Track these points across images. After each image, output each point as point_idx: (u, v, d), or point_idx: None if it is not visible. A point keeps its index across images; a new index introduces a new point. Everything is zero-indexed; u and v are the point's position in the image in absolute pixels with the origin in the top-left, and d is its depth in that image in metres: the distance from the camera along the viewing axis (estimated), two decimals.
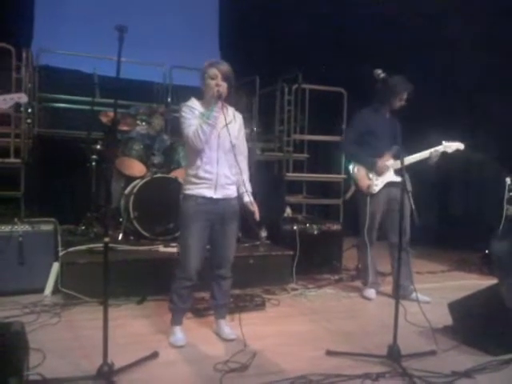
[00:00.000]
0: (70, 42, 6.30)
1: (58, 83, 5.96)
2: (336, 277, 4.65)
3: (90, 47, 6.06)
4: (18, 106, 4.76)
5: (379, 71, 3.14)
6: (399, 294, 2.91)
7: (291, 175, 6.09)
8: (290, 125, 6.24)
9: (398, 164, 3.91)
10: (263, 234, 4.52)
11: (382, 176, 3.96)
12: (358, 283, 4.37)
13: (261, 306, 3.62)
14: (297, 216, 5.31)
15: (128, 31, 2.36)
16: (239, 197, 2.97)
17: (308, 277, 4.49)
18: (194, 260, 2.82)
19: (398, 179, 3.96)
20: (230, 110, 2.94)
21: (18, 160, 4.73)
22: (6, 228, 3.71)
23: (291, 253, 4.39)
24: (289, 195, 5.94)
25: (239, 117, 3.01)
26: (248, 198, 2.97)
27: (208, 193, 2.82)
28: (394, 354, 2.70)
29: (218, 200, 2.84)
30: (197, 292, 3.43)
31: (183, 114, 2.81)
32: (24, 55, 5.00)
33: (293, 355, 2.82)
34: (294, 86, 6.26)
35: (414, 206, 2.97)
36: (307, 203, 6.38)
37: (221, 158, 2.84)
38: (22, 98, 2.82)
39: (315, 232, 4.71)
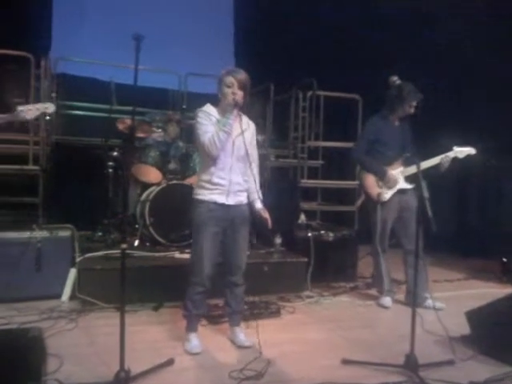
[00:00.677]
0: (87, 50, 6.37)
1: (75, 91, 6.03)
2: (351, 284, 4.61)
3: (107, 55, 6.14)
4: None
5: (395, 78, 3.15)
6: (415, 301, 2.88)
7: (306, 182, 6.07)
8: (305, 131, 6.23)
9: (408, 171, 3.90)
10: (277, 240, 4.52)
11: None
12: (373, 291, 4.34)
13: (276, 313, 3.61)
14: (311, 223, 5.30)
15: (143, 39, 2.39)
16: (250, 204, 3.00)
17: (323, 284, 4.46)
18: (207, 265, 2.85)
19: (409, 186, 3.95)
20: (245, 118, 2.97)
21: (36, 167, 4.80)
22: (25, 234, 3.76)
23: (306, 260, 4.37)
24: (303, 202, 5.92)
25: (252, 125, 3.04)
26: (260, 205, 3.00)
27: (220, 199, 2.84)
28: (411, 364, 2.67)
29: (229, 206, 2.87)
30: (211, 299, 3.44)
31: (199, 119, 2.83)
32: (42, 63, 5.08)
33: (308, 363, 2.81)
34: (309, 93, 6.26)
35: (431, 213, 2.93)
36: (322, 210, 6.36)
37: (234, 165, 2.87)
38: (49, 108, 2.87)
39: (330, 239, 4.69)
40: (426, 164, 3.79)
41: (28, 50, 5.09)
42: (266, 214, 2.99)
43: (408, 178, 3.94)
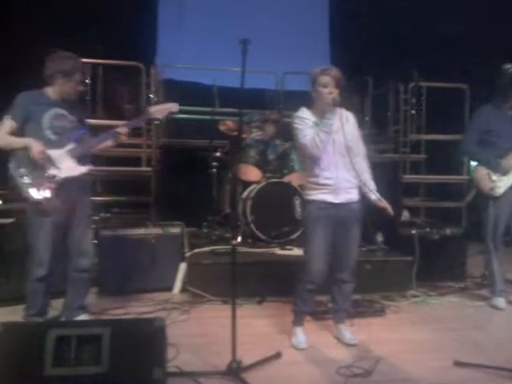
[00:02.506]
0: (189, 54, 6.69)
1: (179, 95, 6.33)
2: (460, 284, 4.39)
3: (208, 58, 6.40)
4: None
5: (508, 66, 2.97)
6: None
7: (408, 177, 5.86)
8: (407, 124, 6.02)
9: None
10: (379, 238, 4.43)
11: (507, 177, 3.70)
12: (485, 292, 4.12)
13: (380, 312, 3.56)
14: (415, 220, 5.12)
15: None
16: (365, 197, 2.96)
17: (429, 284, 4.29)
18: (318, 264, 2.87)
19: None
20: (343, 112, 2.90)
21: (149, 168, 5.17)
22: (141, 231, 4.08)
23: (411, 258, 4.24)
24: (405, 198, 5.72)
25: (351, 116, 2.98)
26: (375, 196, 2.95)
27: (329, 198, 2.85)
28: None
29: (339, 204, 2.86)
30: (316, 295, 3.48)
31: (296, 125, 2.86)
32: (152, 71, 5.43)
33: (417, 364, 2.75)
34: (411, 84, 6.03)
35: None
36: (426, 206, 6.10)
37: (339, 162, 2.86)
38: (174, 107, 3.16)
39: (436, 236, 4.50)
40: None
41: (135, 57, 5.48)
42: (382, 204, 2.94)
43: None
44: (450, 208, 5.95)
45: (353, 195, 2.92)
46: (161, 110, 3.19)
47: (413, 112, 5.97)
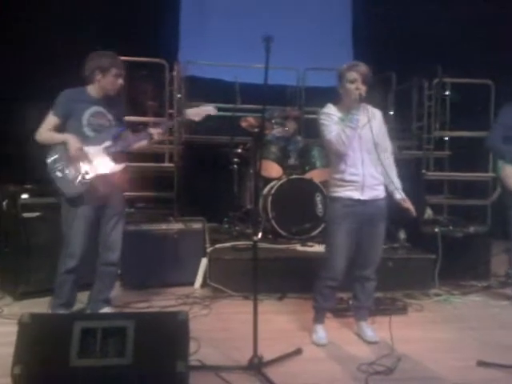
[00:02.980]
0: (211, 51, 6.70)
1: (202, 92, 6.37)
2: (483, 283, 4.32)
3: (229, 55, 6.41)
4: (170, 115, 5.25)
5: None
6: None
7: (432, 174, 5.79)
8: (431, 121, 5.94)
9: None
10: (402, 235, 4.39)
11: None
12: (508, 291, 4.05)
13: (402, 310, 3.53)
14: (438, 218, 5.06)
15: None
16: (390, 195, 2.94)
17: (452, 282, 4.23)
18: (341, 261, 2.86)
19: None
20: (369, 108, 2.88)
21: (171, 164, 5.22)
22: (163, 226, 4.12)
23: (433, 256, 4.19)
24: (428, 195, 5.65)
25: (378, 112, 2.96)
26: (400, 196, 2.92)
27: (355, 195, 2.83)
28: None
29: (365, 201, 2.84)
30: (337, 292, 3.48)
31: (322, 121, 2.85)
32: (176, 68, 5.47)
33: (440, 363, 2.73)
34: (435, 80, 5.94)
35: None
36: (450, 204, 6.01)
37: (365, 158, 2.84)
38: (211, 110, 3.18)
39: (459, 235, 4.44)
40: None
41: (158, 54, 5.52)
42: (406, 204, 2.91)
43: None
44: (474, 206, 5.86)
45: (379, 192, 2.89)
46: (198, 113, 3.21)
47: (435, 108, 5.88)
